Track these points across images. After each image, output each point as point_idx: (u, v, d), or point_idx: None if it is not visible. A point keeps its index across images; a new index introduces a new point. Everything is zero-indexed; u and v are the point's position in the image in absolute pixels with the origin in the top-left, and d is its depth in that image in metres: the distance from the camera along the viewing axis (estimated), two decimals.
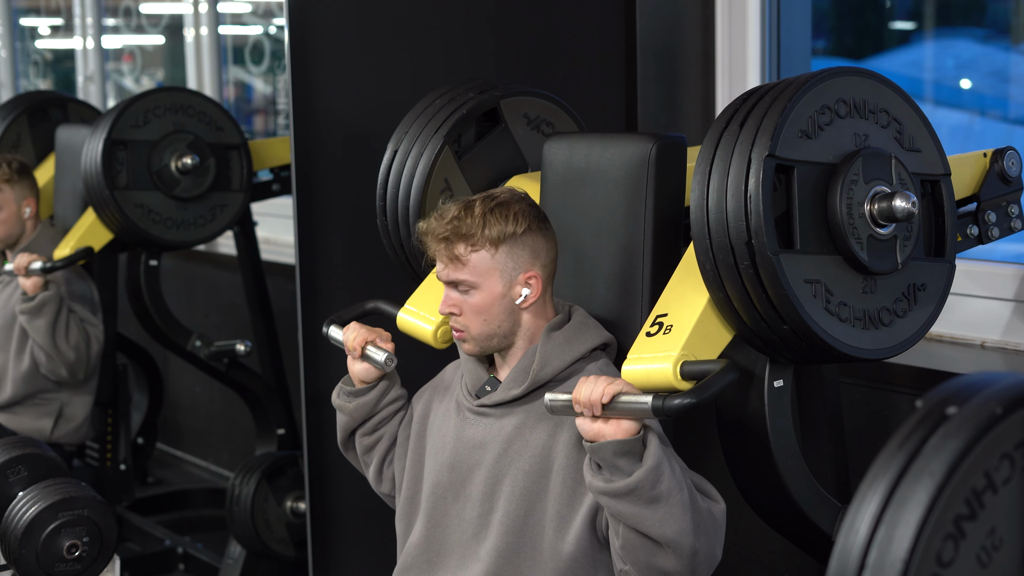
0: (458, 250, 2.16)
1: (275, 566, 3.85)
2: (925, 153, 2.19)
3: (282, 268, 4.34)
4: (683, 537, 1.94)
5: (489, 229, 2.16)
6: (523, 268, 2.19)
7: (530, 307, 2.21)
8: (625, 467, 1.92)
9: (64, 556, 2.65)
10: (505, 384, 2.23)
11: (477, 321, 2.19)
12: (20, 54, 7.02)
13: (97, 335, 3.89)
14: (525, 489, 2.16)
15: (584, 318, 2.25)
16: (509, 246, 2.17)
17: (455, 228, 2.16)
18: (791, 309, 1.99)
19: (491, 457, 2.20)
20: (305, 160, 3.08)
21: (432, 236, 2.19)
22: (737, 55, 3.28)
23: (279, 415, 4.05)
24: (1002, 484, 1.21)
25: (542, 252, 2.21)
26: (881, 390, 2.91)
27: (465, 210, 2.18)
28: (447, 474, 2.26)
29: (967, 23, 3.97)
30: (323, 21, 3.07)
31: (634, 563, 1.99)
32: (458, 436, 2.26)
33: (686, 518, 1.94)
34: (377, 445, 2.42)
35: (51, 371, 3.85)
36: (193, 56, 5.31)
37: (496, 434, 2.21)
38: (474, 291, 2.18)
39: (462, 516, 2.23)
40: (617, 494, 1.93)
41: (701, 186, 2.04)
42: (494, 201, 2.19)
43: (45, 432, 3.91)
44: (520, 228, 2.18)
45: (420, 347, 2.51)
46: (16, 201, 4.00)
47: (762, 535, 2.45)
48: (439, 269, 2.21)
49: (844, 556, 1.18)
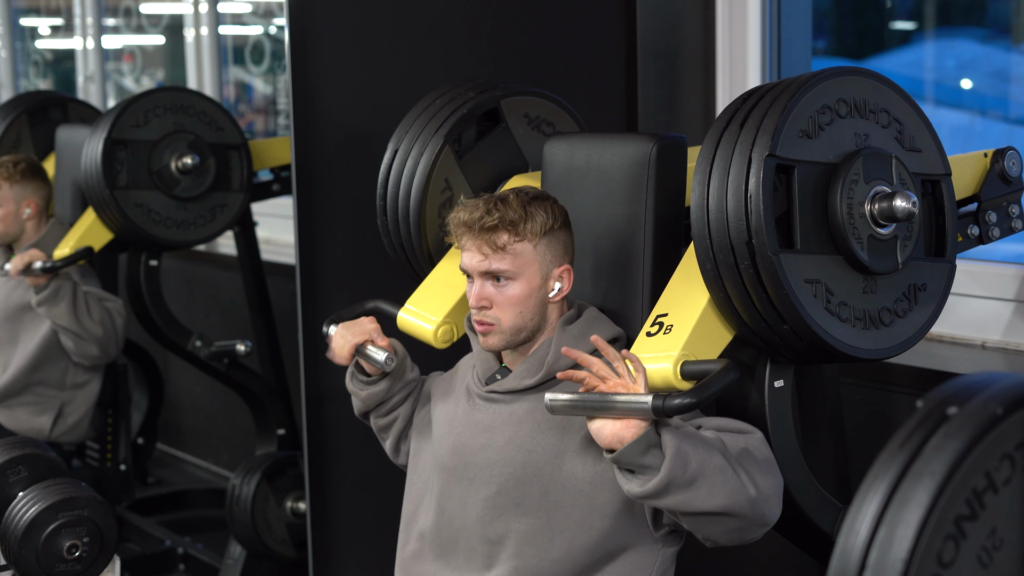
0: (502, 239, 2.16)
1: (275, 566, 3.85)
2: (926, 153, 2.19)
3: (282, 268, 4.34)
4: (736, 496, 1.95)
5: (532, 221, 2.17)
6: (557, 262, 2.21)
7: (557, 303, 2.23)
8: (652, 463, 1.93)
9: (64, 556, 2.65)
10: (518, 373, 2.23)
11: (511, 313, 2.19)
12: (20, 54, 7.02)
13: (118, 308, 3.88)
14: (540, 470, 2.16)
15: (596, 314, 2.26)
16: (549, 239, 2.19)
17: (500, 217, 2.16)
18: (791, 309, 1.99)
19: (501, 439, 2.21)
20: (305, 160, 3.08)
21: (474, 226, 2.17)
22: (737, 55, 3.28)
23: (279, 415, 4.05)
24: (1003, 484, 1.21)
25: (570, 248, 2.24)
26: (881, 390, 2.91)
27: (502, 202, 2.18)
28: (451, 458, 2.27)
29: (967, 23, 3.97)
30: (323, 21, 3.07)
31: (708, 535, 2.02)
32: (465, 420, 2.27)
33: (730, 479, 1.95)
34: (393, 425, 2.44)
35: (83, 354, 3.85)
36: (193, 56, 5.31)
37: (507, 418, 2.22)
38: (512, 282, 2.18)
39: (466, 499, 2.23)
40: (656, 493, 1.94)
41: (701, 186, 2.04)
42: (529, 195, 2.20)
43: (44, 431, 3.91)
44: (557, 223, 2.20)
45: (420, 347, 2.51)
46: (16, 200, 4.00)
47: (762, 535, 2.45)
48: (472, 260, 2.19)
49: (844, 556, 1.18)
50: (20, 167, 4.00)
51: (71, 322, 3.79)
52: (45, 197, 4.07)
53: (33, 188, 4.02)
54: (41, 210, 4.04)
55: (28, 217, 4.01)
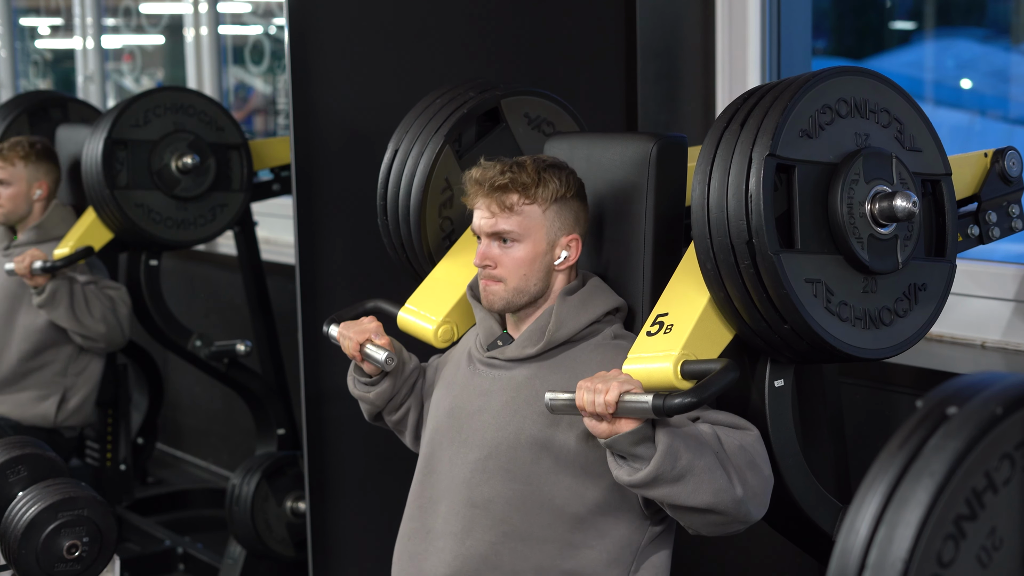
0: (511, 200, 2.19)
1: (275, 566, 3.85)
2: (926, 153, 2.19)
3: (282, 268, 4.34)
4: (721, 496, 1.98)
5: (544, 186, 2.20)
6: (566, 230, 2.23)
7: (563, 271, 2.24)
8: (644, 453, 1.95)
9: (64, 556, 2.65)
10: (519, 342, 2.24)
11: (515, 275, 2.21)
12: (20, 54, 7.02)
13: (122, 297, 3.88)
14: (533, 437, 2.17)
15: (598, 283, 2.28)
16: (559, 206, 2.21)
17: (513, 178, 2.19)
18: (792, 309, 1.99)
19: (497, 403, 2.22)
20: (305, 160, 3.08)
21: (485, 184, 2.20)
22: (737, 55, 3.28)
23: (279, 415, 4.06)
24: (1002, 484, 1.21)
25: (582, 219, 2.26)
26: (881, 390, 2.91)
27: (517, 166, 2.21)
28: (445, 419, 2.28)
29: (967, 23, 3.97)
30: (323, 21, 3.07)
31: (691, 525, 2.05)
32: (464, 384, 2.29)
33: (718, 478, 1.97)
34: (407, 417, 2.45)
35: (90, 347, 3.89)
36: (193, 56, 5.31)
37: (506, 384, 2.23)
38: (517, 244, 2.21)
39: (455, 460, 2.23)
40: (644, 483, 1.96)
41: (702, 186, 2.04)
42: (546, 162, 2.23)
43: (49, 416, 3.91)
44: (570, 192, 2.23)
45: (421, 347, 2.51)
46: (27, 180, 4.00)
47: (762, 535, 2.45)
48: (482, 219, 2.22)
49: (844, 556, 1.18)
50: (36, 147, 4.01)
51: (71, 323, 3.80)
52: (56, 180, 4.07)
53: (46, 170, 4.03)
54: (51, 193, 4.05)
55: (38, 199, 4.02)
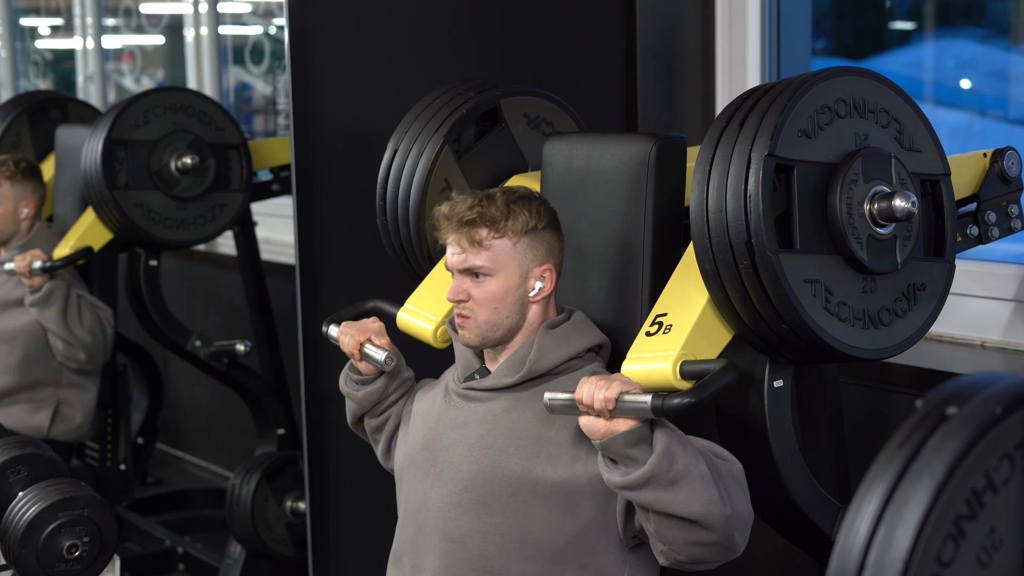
0: (480, 235, 2.17)
1: (275, 566, 3.85)
2: (925, 153, 2.19)
3: (282, 268, 4.34)
4: (711, 508, 1.94)
5: (513, 219, 2.17)
6: (539, 261, 2.20)
7: (539, 303, 2.21)
8: (639, 456, 1.93)
9: (64, 556, 2.65)
10: (498, 372, 2.22)
11: (487, 309, 2.18)
12: (20, 54, 7.02)
13: (108, 318, 3.88)
14: (510, 470, 2.14)
15: (582, 319, 2.25)
16: (530, 238, 2.19)
17: (481, 213, 2.16)
18: (791, 309, 1.99)
19: (472, 436, 2.19)
20: (305, 160, 3.08)
21: (454, 219, 2.18)
22: (737, 55, 3.28)
23: (279, 415, 4.06)
24: (1002, 484, 1.21)
25: (556, 250, 2.23)
26: (881, 390, 2.91)
27: (487, 199, 2.18)
28: (420, 452, 2.26)
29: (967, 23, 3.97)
30: (323, 21, 3.07)
31: (671, 543, 2.00)
32: (439, 416, 2.26)
33: (710, 489, 1.95)
34: (385, 425, 2.44)
35: (70, 357, 3.85)
36: (193, 56, 5.31)
37: (481, 416, 2.20)
38: (489, 279, 2.18)
39: (430, 494, 2.21)
40: (636, 485, 1.93)
41: (701, 186, 2.04)
42: (515, 194, 2.21)
43: (42, 428, 3.90)
44: (541, 223, 2.20)
45: (420, 347, 2.51)
46: (14, 200, 4.00)
47: (762, 535, 2.45)
48: (453, 256, 2.19)
49: (844, 556, 1.18)
50: (22, 166, 4.01)
51: (59, 327, 3.78)
52: (42, 198, 4.07)
53: (32, 188, 4.03)
54: (37, 211, 4.04)
55: (26, 217, 4.01)
